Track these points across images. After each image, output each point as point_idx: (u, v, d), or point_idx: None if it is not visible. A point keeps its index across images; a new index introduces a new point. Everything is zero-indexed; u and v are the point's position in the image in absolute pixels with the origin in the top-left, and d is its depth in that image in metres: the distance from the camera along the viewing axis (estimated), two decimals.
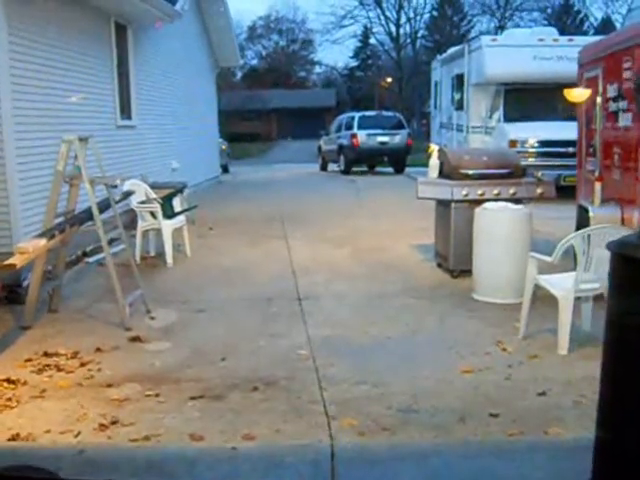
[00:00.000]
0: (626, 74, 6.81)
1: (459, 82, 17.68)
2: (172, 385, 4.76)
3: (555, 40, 15.80)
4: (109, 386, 4.77)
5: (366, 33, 55.72)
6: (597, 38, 13.19)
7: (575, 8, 51.69)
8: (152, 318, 6.44)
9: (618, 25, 38.66)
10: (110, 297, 6.42)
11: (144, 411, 4.34)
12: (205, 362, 5.24)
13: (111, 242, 6.68)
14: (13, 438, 3.99)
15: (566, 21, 47.75)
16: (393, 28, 51.54)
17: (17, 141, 7.63)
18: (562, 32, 18.69)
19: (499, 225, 6.91)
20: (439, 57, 21.78)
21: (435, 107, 21.70)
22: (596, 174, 7.30)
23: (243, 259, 9.07)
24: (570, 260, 5.98)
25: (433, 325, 6.19)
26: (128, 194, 8.19)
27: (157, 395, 4.58)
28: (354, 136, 23.76)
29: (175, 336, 5.92)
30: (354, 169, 24.36)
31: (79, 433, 4.05)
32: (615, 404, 2.18)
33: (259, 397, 4.55)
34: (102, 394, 4.63)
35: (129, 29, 12.25)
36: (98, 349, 5.53)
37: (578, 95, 7.26)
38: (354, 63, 59.54)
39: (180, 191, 10.03)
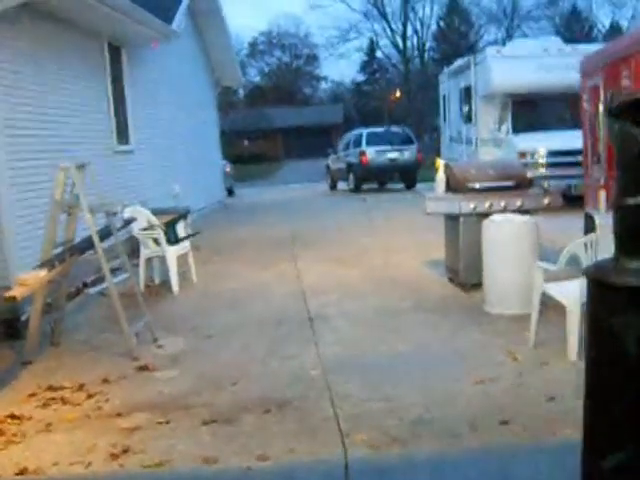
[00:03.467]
0: (624, 82, 7.02)
1: (467, 95, 17.94)
2: (183, 412, 4.90)
3: (560, 50, 16.06)
4: (118, 416, 4.90)
5: (372, 46, 56.18)
6: (598, 47, 13.47)
7: (583, 15, 52.05)
8: (159, 346, 6.58)
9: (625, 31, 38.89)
10: (114, 327, 6.56)
11: (155, 438, 4.48)
12: (215, 387, 5.39)
13: (113, 271, 6.82)
14: (21, 472, 4.08)
15: (575, 29, 48.02)
16: (400, 40, 52.01)
17: (10, 170, 7.70)
18: (571, 40, 18.97)
19: (507, 236, 7.10)
20: (446, 70, 22.06)
21: (444, 120, 21.95)
22: (601, 182, 7.50)
23: (251, 283, 9.25)
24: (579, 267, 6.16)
25: (444, 339, 6.38)
26: (129, 221, 8.31)
27: (168, 422, 4.72)
28: (362, 153, 23.99)
29: (184, 363, 6.08)
30: (364, 187, 24.54)
31: (90, 464, 4.16)
32: (597, 423, 2.39)
33: (272, 419, 4.71)
34: (111, 424, 4.75)
35: (123, 51, 12.36)
36: (105, 380, 5.66)
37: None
38: (361, 77, 59.99)
39: (183, 216, 10.15)
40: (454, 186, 8.31)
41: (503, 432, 4.27)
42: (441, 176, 8.74)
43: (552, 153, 14.84)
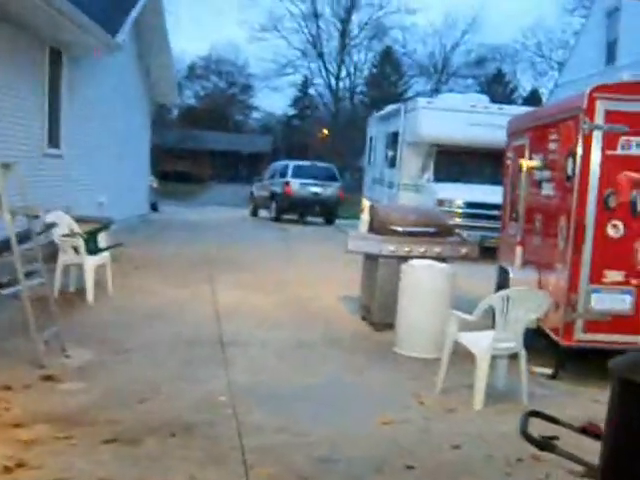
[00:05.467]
0: (551, 146, 7.16)
1: (394, 140, 18.12)
2: (85, 427, 4.65)
3: (486, 107, 16.45)
4: (17, 426, 4.60)
5: (306, 83, 56.60)
6: (525, 109, 13.85)
7: (506, 79, 53.95)
8: (67, 357, 6.27)
9: (544, 98, 40.44)
10: (23, 333, 6.20)
11: (54, 454, 4.22)
12: (121, 404, 5.15)
13: (28, 275, 6.48)
14: None
15: (498, 90, 49.65)
16: (333, 81, 52.57)
17: None
18: (493, 100, 19.42)
19: (423, 282, 7.10)
20: (376, 114, 22.29)
21: (369, 162, 22.12)
22: (517, 238, 7.60)
23: (167, 301, 8.98)
24: (489, 318, 6.19)
25: (354, 376, 6.28)
26: (51, 226, 8.02)
27: (68, 437, 4.46)
28: (287, 184, 24.01)
29: (91, 376, 5.79)
30: (285, 217, 24.52)
31: None
32: None
33: (176, 443, 4.51)
34: (10, 435, 4.46)
35: (65, 56, 12.06)
36: (8, 387, 5.33)
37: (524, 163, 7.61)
38: (292, 112, 60.26)
39: (106, 227, 9.89)
40: (377, 227, 8.29)
41: (408, 477, 4.17)
42: (365, 216, 8.72)
43: (469, 204, 15.12)
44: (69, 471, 3.98)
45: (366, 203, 9.01)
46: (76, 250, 8.78)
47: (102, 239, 9.52)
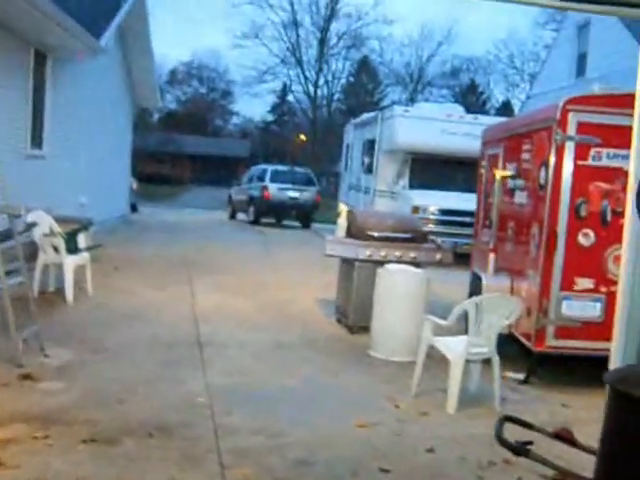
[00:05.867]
0: (524, 156, 7.17)
1: (370, 147, 18.11)
2: (63, 427, 4.56)
3: (461, 117, 16.51)
4: None
5: (285, 90, 56.52)
6: (500, 119, 13.90)
7: (480, 89, 54.32)
8: (46, 356, 6.15)
9: (516, 109, 40.78)
10: (2, 331, 6.06)
11: (31, 453, 4.13)
12: (100, 404, 5.06)
13: (9, 274, 6.35)
14: None
15: (471, 100, 49.93)
16: (311, 88, 52.50)
17: None
18: (467, 110, 19.50)
19: (399, 286, 7.08)
20: (353, 121, 22.29)
21: (345, 168, 22.11)
22: (490, 245, 7.61)
23: (146, 302, 8.87)
24: (463, 323, 6.18)
25: (330, 378, 6.23)
26: (32, 226, 7.89)
27: (46, 437, 4.36)
28: (265, 188, 23.93)
29: (69, 376, 5.68)
30: (262, 220, 24.44)
31: None
32: None
33: (154, 444, 4.43)
34: None
35: (49, 59, 11.93)
36: None
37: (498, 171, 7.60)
38: (271, 117, 60.16)
39: (86, 227, 9.75)
40: (354, 232, 8.26)
41: (383, 479, 4.13)
42: (343, 221, 8.69)
43: (443, 211, 15.15)
44: (46, 471, 3.90)
45: (343, 208, 8.96)
46: (56, 250, 8.66)
47: (82, 239, 9.39)
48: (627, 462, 2.06)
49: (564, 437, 3.45)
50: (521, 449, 3.29)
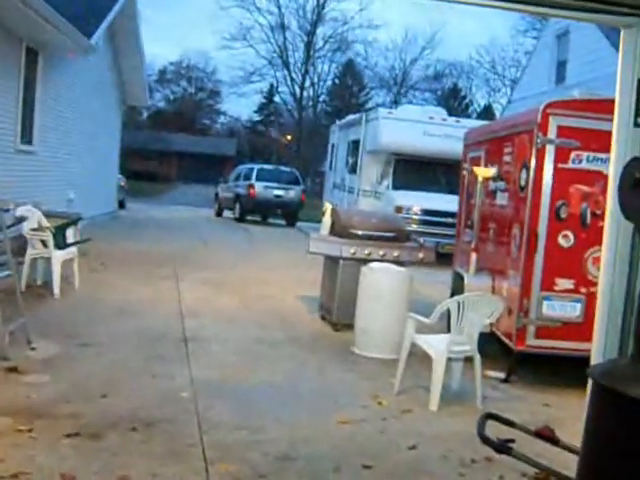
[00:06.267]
0: (506, 158, 7.14)
1: (355, 147, 18.06)
2: (47, 421, 4.45)
3: (444, 119, 16.50)
4: None
5: (272, 91, 56.35)
6: (482, 122, 13.88)
7: (462, 93, 54.43)
8: (32, 349, 6.03)
9: (497, 113, 40.90)
10: None
11: (14, 447, 4.02)
12: (84, 398, 4.96)
13: None
14: None
15: (453, 104, 50.03)
16: (297, 90, 52.39)
17: None
18: (450, 113, 19.50)
19: (382, 284, 7.02)
20: (338, 122, 22.23)
21: (330, 168, 22.05)
22: (472, 245, 7.57)
23: (132, 297, 8.76)
24: (445, 321, 6.13)
25: (313, 375, 6.16)
26: (21, 220, 7.79)
27: (30, 430, 4.26)
28: (251, 187, 23.88)
29: (55, 369, 5.57)
30: (248, 218, 24.35)
31: None
32: None
33: (138, 438, 4.34)
34: None
35: (40, 55, 11.80)
36: None
37: (480, 172, 7.55)
38: (257, 117, 59.95)
39: (74, 222, 9.63)
40: (338, 230, 8.19)
41: (365, 476, 4.07)
42: (327, 219, 8.61)
43: (425, 212, 15.10)
44: (29, 465, 3.79)
45: (328, 206, 8.89)
46: (44, 244, 8.57)
47: (70, 234, 9.27)
48: (610, 456, 2.01)
49: (546, 435, 3.41)
50: (503, 447, 3.24)
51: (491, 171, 7.37)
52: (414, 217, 14.87)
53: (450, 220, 11.96)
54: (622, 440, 1.89)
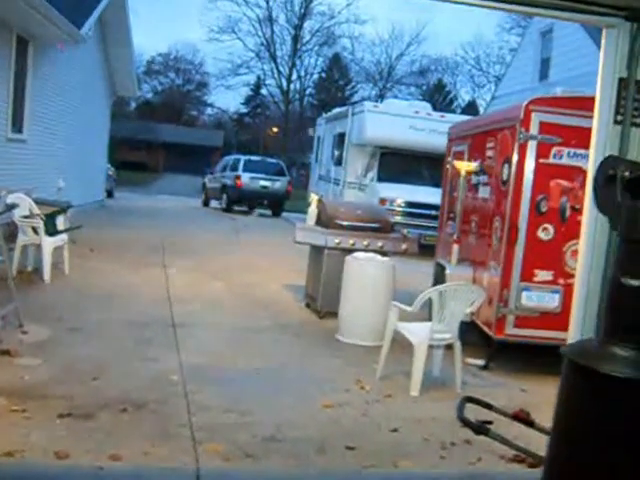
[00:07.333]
0: (488, 152, 7.23)
1: (340, 140, 18.11)
2: (40, 401, 4.51)
3: (429, 114, 16.56)
4: None
5: (259, 83, 56.17)
6: (466, 117, 13.98)
7: (447, 89, 54.57)
8: (24, 333, 6.07)
9: (481, 109, 41.03)
10: None
11: (8, 426, 4.08)
12: (76, 380, 5.02)
13: None
14: None
15: (438, 99, 50.15)
16: (284, 82, 52.25)
17: None
18: (434, 108, 19.57)
19: (366, 274, 7.10)
20: (324, 115, 22.26)
21: (316, 160, 22.09)
22: (454, 237, 7.67)
23: (121, 283, 8.81)
24: (427, 310, 6.22)
25: (298, 361, 6.24)
26: (12, 207, 7.81)
27: (24, 410, 4.32)
28: (238, 177, 23.88)
29: (47, 352, 5.62)
30: (235, 208, 24.37)
31: None
32: None
33: (128, 418, 4.41)
34: None
35: (31, 45, 11.77)
36: None
37: (462, 166, 7.63)
38: (244, 109, 59.82)
39: (64, 210, 9.64)
40: (324, 220, 8.27)
41: (348, 457, 4.16)
42: (313, 209, 8.68)
43: (409, 204, 15.20)
44: (23, 444, 3.85)
45: (314, 196, 8.95)
46: (35, 231, 8.58)
47: (60, 222, 9.30)
48: (581, 431, 2.07)
49: (522, 418, 3.51)
50: (481, 428, 3.34)
51: (473, 165, 7.46)
52: (398, 209, 14.96)
53: (433, 212, 12.05)
54: (593, 414, 1.98)
